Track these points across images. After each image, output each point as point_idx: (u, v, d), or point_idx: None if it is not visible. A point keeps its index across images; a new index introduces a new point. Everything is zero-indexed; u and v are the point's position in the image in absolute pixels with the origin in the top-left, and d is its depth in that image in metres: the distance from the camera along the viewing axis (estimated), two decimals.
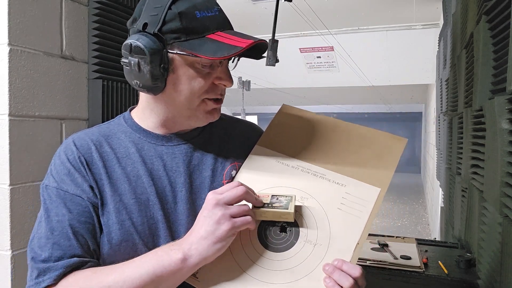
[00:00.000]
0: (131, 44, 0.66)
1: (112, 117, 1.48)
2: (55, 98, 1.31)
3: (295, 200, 0.70)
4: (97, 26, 1.44)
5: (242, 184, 0.67)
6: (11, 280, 1.16)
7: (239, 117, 1.04)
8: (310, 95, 9.73)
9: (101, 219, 0.70)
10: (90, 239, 0.68)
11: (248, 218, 0.66)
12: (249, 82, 9.11)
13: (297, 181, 0.76)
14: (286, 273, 0.66)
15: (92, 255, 0.69)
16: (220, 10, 0.70)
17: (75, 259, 0.66)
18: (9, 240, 1.16)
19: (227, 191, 0.66)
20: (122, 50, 0.69)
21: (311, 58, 7.80)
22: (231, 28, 0.71)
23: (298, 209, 0.72)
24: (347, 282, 0.62)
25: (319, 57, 7.71)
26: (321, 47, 7.39)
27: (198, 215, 0.66)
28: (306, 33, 7.13)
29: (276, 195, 0.71)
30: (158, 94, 0.71)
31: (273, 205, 0.68)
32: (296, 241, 0.69)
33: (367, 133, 0.80)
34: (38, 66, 1.24)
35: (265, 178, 0.77)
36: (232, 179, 0.79)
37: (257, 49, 0.72)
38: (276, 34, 1.94)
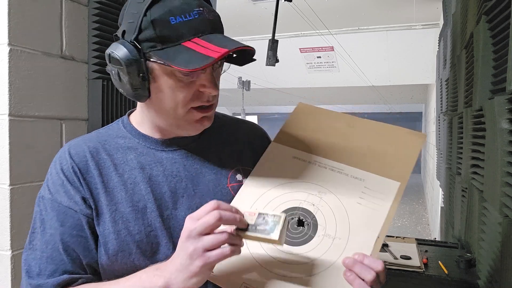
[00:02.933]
0: (109, 54, 0.64)
1: (112, 118, 1.50)
2: (55, 98, 1.31)
3: (284, 221, 0.61)
4: (97, 26, 1.44)
5: (218, 207, 0.58)
6: (11, 280, 1.16)
7: (239, 117, 1.01)
8: (310, 95, 9.73)
9: (97, 229, 0.68)
10: (82, 253, 0.67)
11: (226, 250, 0.57)
12: (249, 82, 9.13)
13: (314, 176, 0.75)
14: (305, 266, 0.65)
15: (85, 269, 0.68)
16: (201, 13, 0.63)
17: (65, 276, 0.65)
18: (9, 240, 1.16)
19: (201, 217, 0.58)
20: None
21: (311, 58, 7.81)
22: (214, 30, 0.64)
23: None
24: (369, 275, 0.59)
25: (319, 57, 7.72)
26: (321, 47, 7.39)
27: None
28: (306, 33, 7.13)
29: (263, 214, 0.63)
30: (147, 101, 0.69)
31: (257, 227, 0.61)
32: (314, 234, 0.68)
33: (385, 130, 0.80)
34: (38, 66, 1.24)
35: (281, 174, 0.77)
36: (237, 182, 0.77)
37: (245, 53, 0.67)
38: (276, 34, 1.95)
